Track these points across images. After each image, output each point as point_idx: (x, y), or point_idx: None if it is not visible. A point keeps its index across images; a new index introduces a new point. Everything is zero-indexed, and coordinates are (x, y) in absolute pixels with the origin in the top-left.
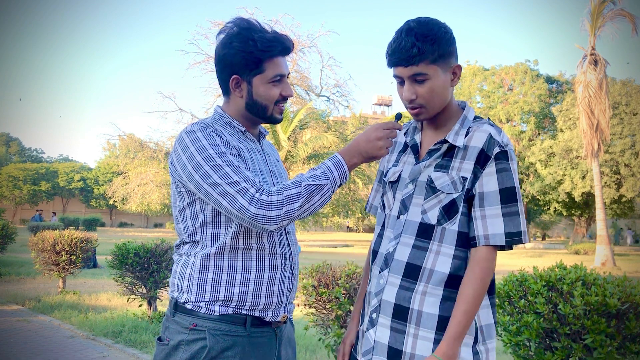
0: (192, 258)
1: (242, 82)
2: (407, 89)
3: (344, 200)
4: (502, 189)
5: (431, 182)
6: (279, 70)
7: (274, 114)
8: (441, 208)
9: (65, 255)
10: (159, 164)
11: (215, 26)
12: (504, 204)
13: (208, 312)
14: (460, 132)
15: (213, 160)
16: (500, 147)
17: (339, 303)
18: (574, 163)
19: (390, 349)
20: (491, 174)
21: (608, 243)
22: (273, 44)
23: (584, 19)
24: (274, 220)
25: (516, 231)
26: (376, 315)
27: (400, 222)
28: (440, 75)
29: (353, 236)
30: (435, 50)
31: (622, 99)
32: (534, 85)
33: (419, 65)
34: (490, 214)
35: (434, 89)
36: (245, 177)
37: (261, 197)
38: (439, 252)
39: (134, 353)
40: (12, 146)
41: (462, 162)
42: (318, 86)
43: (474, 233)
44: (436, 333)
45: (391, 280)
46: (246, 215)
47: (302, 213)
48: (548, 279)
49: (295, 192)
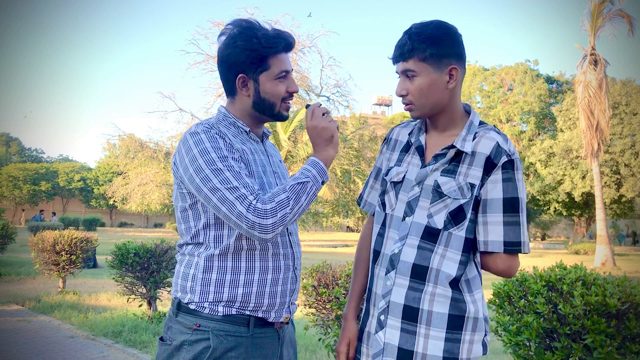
0: (195, 258)
1: (248, 80)
2: (399, 84)
3: (344, 200)
4: (506, 198)
5: (438, 186)
6: (284, 67)
7: (281, 110)
8: (448, 213)
9: (65, 255)
10: (159, 164)
11: (215, 26)
12: (506, 213)
13: (211, 312)
14: (467, 137)
15: (214, 164)
16: (507, 157)
17: (339, 303)
18: (574, 163)
19: (401, 350)
20: (496, 181)
21: (608, 243)
22: (277, 41)
23: (584, 19)
24: (271, 228)
25: (516, 241)
26: (384, 317)
27: (406, 224)
28: (430, 74)
29: (353, 236)
30: (426, 48)
31: (622, 99)
32: (534, 85)
33: (408, 62)
34: (492, 221)
35: (422, 87)
36: (245, 183)
37: (257, 205)
38: (445, 255)
39: (134, 353)
40: (12, 146)
41: (470, 168)
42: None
43: (477, 237)
44: (447, 332)
45: (399, 281)
46: (244, 222)
47: (294, 216)
48: (548, 279)
49: (285, 197)
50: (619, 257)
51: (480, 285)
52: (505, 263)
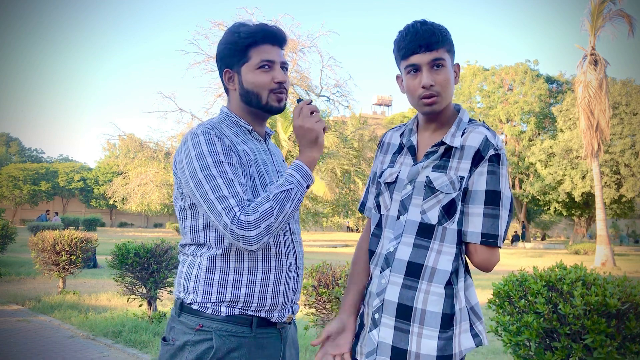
0: (198, 259)
1: (233, 74)
2: (426, 75)
3: (344, 200)
4: (488, 190)
5: (430, 182)
6: (265, 56)
7: (270, 102)
8: (441, 208)
9: (65, 255)
10: (159, 164)
11: (215, 26)
12: (487, 205)
13: (214, 312)
14: (457, 134)
15: (208, 169)
16: (494, 150)
17: (339, 303)
18: (574, 163)
19: (394, 348)
20: (482, 174)
21: (608, 243)
22: (256, 32)
23: (584, 19)
24: (255, 240)
25: (493, 233)
26: (379, 315)
27: (400, 223)
28: (449, 67)
29: (353, 236)
30: (449, 41)
31: (622, 99)
32: (534, 85)
33: (438, 51)
34: (473, 212)
35: (448, 78)
36: (235, 192)
37: (241, 217)
38: (441, 251)
39: (134, 353)
40: (12, 146)
41: (460, 162)
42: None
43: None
44: (440, 331)
45: (393, 279)
46: (229, 233)
47: (279, 225)
48: (548, 279)
49: (269, 206)
50: (619, 257)
51: (464, 273)
52: (483, 255)
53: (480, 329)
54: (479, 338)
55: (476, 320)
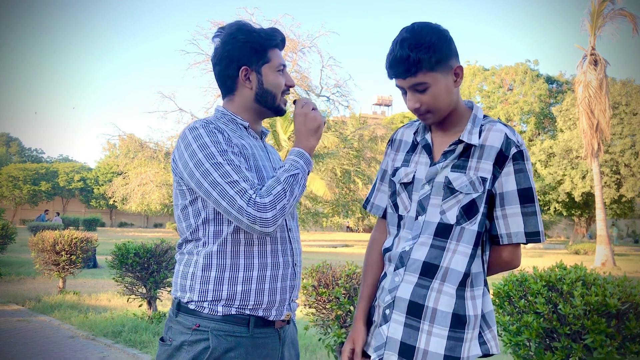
0: (194, 257)
1: (251, 72)
2: (409, 98)
3: (344, 200)
4: (521, 189)
5: (449, 182)
6: (281, 60)
7: (280, 104)
8: (460, 208)
9: (65, 255)
10: (159, 164)
11: (215, 26)
12: (523, 204)
13: (211, 312)
14: (473, 131)
15: (214, 158)
16: (517, 148)
17: (339, 303)
18: (574, 163)
19: (403, 344)
20: (509, 174)
21: (608, 243)
22: (274, 34)
23: (584, 19)
24: (272, 221)
25: (534, 231)
26: (389, 311)
27: (418, 223)
28: (440, 80)
29: (353, 236)
30: (431, 57)
31: (622, 99)
32: (534, 85)
33: (417, 76)
34: (511, 213)
35: (437, 95)
36: (245, 177)
37: (257, 199)
38: (456, 250)
39: (134, 353)
40: (12, 146)
41: (480, 161)
42: (318, 86)
43: (497, 232)
44: (450, 330)
45: (407, 278)
46: (245, 217)
47: (290, 207)
48: (548, 279)
49: (281, 189)
50: (619, 257)
51: (482, 282)
52: (512, 254)
53: (488, 337)
54: (486, 346)
55: (486, 328)
